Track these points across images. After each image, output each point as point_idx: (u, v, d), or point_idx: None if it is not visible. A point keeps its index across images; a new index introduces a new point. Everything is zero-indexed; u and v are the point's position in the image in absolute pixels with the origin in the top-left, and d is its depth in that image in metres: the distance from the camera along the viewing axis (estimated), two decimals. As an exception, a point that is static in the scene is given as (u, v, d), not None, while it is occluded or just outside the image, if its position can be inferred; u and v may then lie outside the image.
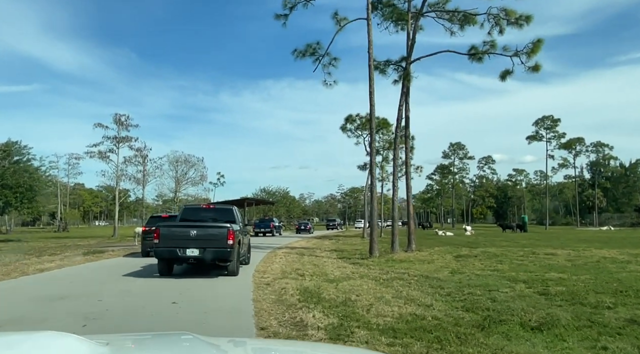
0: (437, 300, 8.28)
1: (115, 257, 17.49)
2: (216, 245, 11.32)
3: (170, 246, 11.35)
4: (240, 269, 12.37)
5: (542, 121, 63.61)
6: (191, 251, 11.30)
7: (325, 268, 13.32)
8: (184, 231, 11.52)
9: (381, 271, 12.70)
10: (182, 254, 11.33)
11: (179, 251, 11.28)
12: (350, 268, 13.46)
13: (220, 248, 11.33)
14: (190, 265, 12.68)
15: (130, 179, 40.64)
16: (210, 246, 11.31)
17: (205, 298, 8.37)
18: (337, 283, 10.22)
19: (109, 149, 39.59)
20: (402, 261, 15.12)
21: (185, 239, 11.32)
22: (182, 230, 11.57)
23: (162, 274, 11.75)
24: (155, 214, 20.65)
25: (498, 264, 14.09)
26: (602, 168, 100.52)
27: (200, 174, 45.72)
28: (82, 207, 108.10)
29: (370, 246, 16.49)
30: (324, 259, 16.63)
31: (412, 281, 10.70)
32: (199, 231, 11.44)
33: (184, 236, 11.37)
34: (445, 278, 11.14)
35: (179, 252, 11.29)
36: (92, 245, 27.28)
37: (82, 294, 8.56)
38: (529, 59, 17.02)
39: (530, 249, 20.40)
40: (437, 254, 17.46)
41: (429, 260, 15.44)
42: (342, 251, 20.61)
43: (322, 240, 32.56)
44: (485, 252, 18.39)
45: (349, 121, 34.84)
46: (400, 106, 18.37)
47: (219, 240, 11.34)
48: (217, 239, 11.36)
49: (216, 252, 11.36)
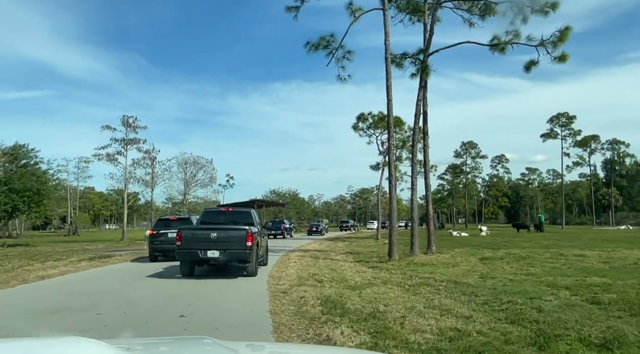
0: (475, 310, 7.37)
1: (121, 262, 16.74)
2: (236, 247, 11.68)
3: (191, 248, 11.69)
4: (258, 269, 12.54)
5: (556, 119, 62.24)
6: (212, 252, 11.67)
7: (343, 273, 12.44)
8: (205, 233, 11.88)
9: (404, 276, 11.80)
10: (203, 256, 11.70)
11: (200, 252, 11.67)
12: (371, 273, 12.57)
13: (240, 250, 11.67)
14: (210, 267, 12.88)
15: (139, 182, 40.09)
16: (230, 248, 11.66)
17: (217, 309, 7.54)
18: (359, 290, 9.34)
19: (117, 151, 39.11)
20: (425, 265, 14.20)
21: (206, 241, 11.69)
22: (203, 232, 11.96)
23: (185, 275, 12.05)
24: (163, 216, 19.91)
25: (529, 267, 13.13)
26: (617, 166, 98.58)
27: (210, 176, 45.11)
28: (92, 210, 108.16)
29: (389, 248, 15.59)
30: (341, 262, 15.75)
31: (441, 288, 9.80)
32: (219, 233, 11.79)
33: (205, 238, 11.73)
34: (476, 284, 10.22)
35: (200, 253, 11.67)
36: (99, 249, 26.63)
37: (80, 306, 7.76)
38: (554, 49, 16.04)
39: (556, 250, 19.37)
40: (460, 257, 16.51)
41: (453, 263, 14.51)
42: (357, 254, 19.73)
43: (335, 242, 31.67)
44: (510, 254, 17.42)
45: (361, 119, 33.96)
46: (418, 101, 17.46)
47: (239, 242, 11.68)
48: (236, 241, 11.70)
49: (236, 254, 11.71)
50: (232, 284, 10.75)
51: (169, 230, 16.53)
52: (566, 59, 16.01)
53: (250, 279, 11.49)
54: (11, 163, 32.67)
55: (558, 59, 16.03)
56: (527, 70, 16.54)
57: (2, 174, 30.22)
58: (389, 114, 15.85)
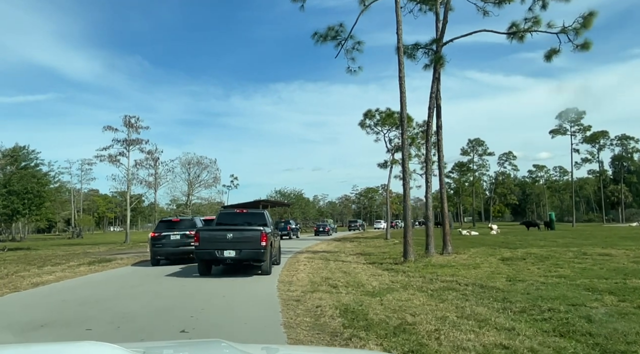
0: (514, 320, 6.50)
1: (122, 267, 15.93)
2: (251, 247, 12.14)
3: (209, 248, 12.13)
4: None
5: (565, 114, 61.11)
6: (228, 252, 12.10)
7: (358, 277, 11.57)
8: (221, 234, 12.30)
9: (424, 280, 10.93)
10: (220, 256, 12.14)
11: (217, 252, 12.12)
12: (387, 276, 11.70)
13: (255, 249, 12.13)
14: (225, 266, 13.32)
15: (142, 183, 39.29)
16: (245, 248, 12.13)
17: (223, 323, 6.69)
18: (380, 296, 8.48)
19: (119, 152, 38.32)
20: (443, 266, 13.32)
21: (223, 242, 12.13)
22: (220, 233, 12.35)
23: (202, 274, 12.49)
24: (165, 218, 19.11)
25: (556, 268, 12.23)
26: (625, 162, 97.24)
27: (214, 176, 44.22)
28: (96, 213, 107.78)
29: (404, 249, 14.71)
30: (353, 265, 14.89)
31: (468, 293, 8.93)
32: (235, 234, 12.24)
33: (222, 239, 12.16)
34: (505, 288, 9.34)
35: (217, 253, 12.13)
36: (101, 252, 25.86)
37: (70, 319, 6.93)
38: (577, 36, 15.13)
39: (577, 249, 18.45)
40: (478, 257, 15.62)
41: (474, 264, 13.62)
42: (369, 255, 18.85)
43: (343, 242, 30.80)
44: (530, 254, 16.50)
45: (368, 116, 33.05)
46: (432, 94, 16.58)
47: (254, 242, 12.14)
48: (251, 241, 12.16)
49: (251, 253, 12.17)
50: (239, 292, 9.91)
51: (171, 232, 15.73)
52: (589, 46, 15.09)
53: (259, 285, 10.65)
54: (11, 165, 31.96)
55: (581, 46, 15.12)
56: (548, 59, 15.63)
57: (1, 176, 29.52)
58: (403, 107, 14.98)
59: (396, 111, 32.61)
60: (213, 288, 10.33)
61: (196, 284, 11.13)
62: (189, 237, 15.71)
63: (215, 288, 10.32)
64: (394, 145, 33.23)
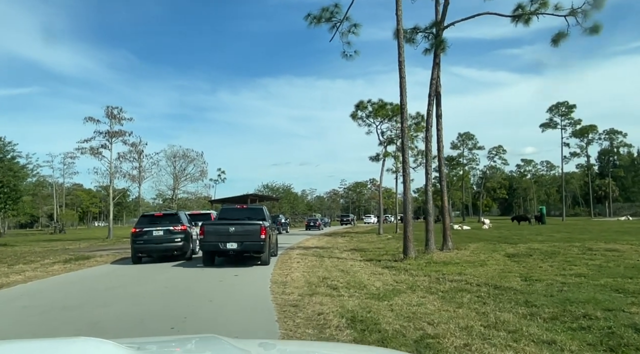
0: (550, 330, 5.58)
1: (100, 265, 14.79)
2: (251, 239, 13.13)
3: (213, 240, 13.14)
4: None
5: (556, 108, 60.79)
6: (230, 244, 13.08)
7: (358, 276, 10.61)
8: (224, 228, 13.29)
9: (430, 279, 10.01)
10: (223, 247, 13.12)
11: (221, 244, 13.10)
12: (389, 275, 10.76)
13: (255, 242, 13.14)
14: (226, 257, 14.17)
15: (125, 177, 37.89)
16: (246, 240, 13.12)
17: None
18: (387, 300, 7.51)
19: (102, 144, 36.89)
20: (447, 264, 12.41)
21: (226, 235, 13.08)
22: (223, 227, 13.35)
23: (207, 265, 13.44)
24: (147, 212, 17.96)
25: (570, 265, 11.38)
26: (611, 157, 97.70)
27: (200, 170, 42.96)
28: (80, 208, 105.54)
29: (404, 245, 13.78)
30: (349, 262, 13.93)
31: (483, 295, 8.01)
32: (237, 228, 13.23)
33: (225, 232, 13.12)
34: (523, 289, 8.44)
35: (220, 245, 13.11)
36: (81, 249, 24.59)
37: (24, 332, 5.84)
38: (586, 19, 14.27)
39: (579, 244, 17.71)
40: (482, 253, 14.76)
41: (479, 261, 12.74)
42: (364, 251, 17.92)
43: (335, 238, 29.86)
44: (534, 250, 15.69)
45: (360, 107, 32.01)
46: (432, 80, 15.63)
47: (254, 235, 13.14)
48: (252, 234, 13.15)
49: (251, 245, 13.18)
50: (229, 295, 8.87)
51: (154, 227, 14.63)
52: (599, 30, 14.25)
53: (251, 287, 9.63)
54: (-14, 157, 30.35)
55: (590, 30, 14.26)
56: (555, 43, 14.75)
57: (-25, 169, 27.99)
58: (402, 93, 13.99)
59: (389, 102, 31.73)
60: (199, 290, 9.29)
61: (180, 285, 10.09)
62: (173, 233, 14.63)
63: (201, 290, 9.29)
64: (387, 137, 32.33)
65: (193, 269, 13.01)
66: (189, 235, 15.32)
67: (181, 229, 14.79)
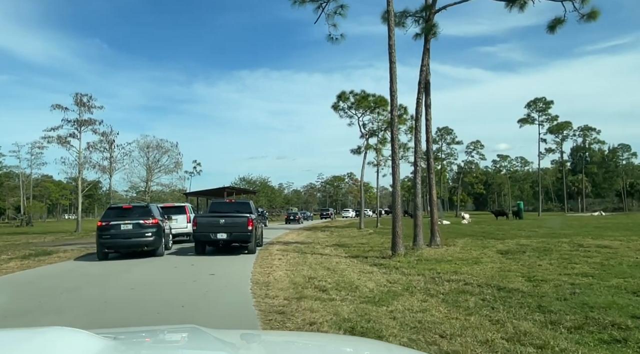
0: (583, 344, 4.81)
1: (62, 262, 13.54)
2: (239, 230, 14.44)
3: (205, 231, 14.46)
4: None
5: (534, 103, 61.01)
6: (221, 235, 14.35)
7: (346, 275, 9.72)
8: (215, 220, 14.58)
9: (425, 278, 9.20)
10: (214, 238, 14.41)
11: (212, 235, 14.37)
12: (380, 274, 9.91)
13: (242, 233, 14.44)
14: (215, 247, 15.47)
15: (95, 167, 36.14)
16: (234, 231, 14.43)
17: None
18: (386, 305, 6.64)
19: (70, 133, 35.06)
20: (439, 261, 11.64)
21: (216, 226, 14.38)
22: (214, 219, 14.65)
23: (198, 253, 14.76)
24: (115, 204, 16.68)
25: (569, 264, 10.74)
26: (582, 153, 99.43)
27: (175, 161, 41.36)
28: (49, 200, 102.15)
29: (393, 241, 12.96)
30: (334, 259, 13.04)
31: (489, 298, 7.21)
32: (227, 220, 14.56)
33: (215, 224, 14.42)
34: (530, 291, 7.69)
35: (211, 236, 14.37)
36: (46, 243, 23.10)
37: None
38: (583, 5, 13.63)
39: (567, 240, 17.24)
40: (472, 250, 14.07)
41: (472, 259, 12.00)
42: (347, 247, 17.06)
43: (314, 232, 28.97)
44: (524, 246, 15.11)
45: (342, 98, 31.11)
46: (422, 67, 14.80)
47: (242, 226, 14.45)
48: (240, 225, 14.45)
49: (239, 236, 14.49)
50: (203, 301, 7.83)
51: (122, 221, 13.44)
52: (596, 16, 13.63)
53: (228, 290, 8.63)
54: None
55: (587, 16, 13.63)
56: (551, 30, 14.09)
57: None
58: (393, 79, 13.11)
59: (371, 93, 30.90)
60: (169, 292, 8.26)
61: (149, 286, 9.03)
62: (143, 227, 13.48)
63: (172, 292, 8.26)
64: (368, 130, 31.52)
65: (164, 267, 11.92)
66: (161, 229, 14.19)
67: (152, 222, 13.64)
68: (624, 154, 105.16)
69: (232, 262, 13.03)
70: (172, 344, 1.74)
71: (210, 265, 12.29)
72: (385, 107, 30.85)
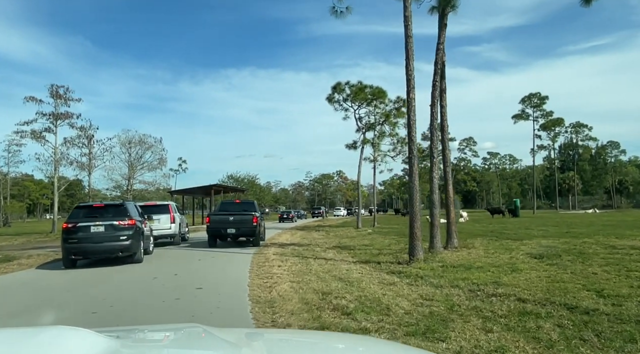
0: None
1: (22, 270, 11.49)
2: (246, 226, 16.86)
3: (217, 227, 17.01)
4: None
5: (528, 99, 59.83)
6: (230, 230, 16.86)
7: (367, 289, 7.86)
8: (226, 217, 17.02)
9: (464, 292, 7.42)
10: (224, 232, 16.99)
11: (222, 230, 16.94)
12: (406, 287, 8.08)
13: (249, 228, 16.86)
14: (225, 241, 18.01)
15: (72, 164, 33.77)
16: (242, 227, 16.88)
17: None
18: (442, 339, 4.80)
19: (45, 127, 32.68)
20: (468, 268, 9.83)
21: (227, 223, 16.87)
22: (225, 217, 17.08)
23: (211, 246, 17.05)
24: (84, 203, 14.59)
25: (630, 272, 9.00)
26: (571, 150, 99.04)
27: (159, 158, 39.04)
28: (29, 199, 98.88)
29: (410, 244, 11.13)
30: (342, 265, 11.17)
31: (567, 324, 5.48)
32: (235, 217, 16.98)
33: (226, 221, 16.90)
34: (614, 312, 5.96)
35: (222, 231, 16.97)
36: (14, 246, 20.92)
37: None
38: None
39: (591, 240, 15.66)
40: (499, 253, 12.31)
41: (505, 265, 10.21)
42: (351, 249, 15.21)
43: (308, 232, 27.08)
44: (549, 248, 13.45)
45: (337, 90, 29.20)
46: (438, 44, 13.05)
47: (248, 223, 16.84)
48: (247, 222, 16.85)
49: (246, 230, 16.95)
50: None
51: (92, 222, 11.42)
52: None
53: (222, 315, 6.68)
54: None
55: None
56: (587, 3, 12.36)
57: None
58: (409, 57, 11.29)
59: (368, 84, 29.04)
60: (145, 316, 6.32)
61: (120, 307, 7.07)
62: (117, 229, 11.48)
63: (149, 316, 6.32)
64: (365, 123, 29.65)
65: (141, 278, 9.92)
66: (139, 231, 12.18)
67: (128, 224, 11.61)
68: (613, 151, 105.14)
69: (223, 269, 11.11)
70: (175, 342, 1.70)
71: (196, 273, 10.36)
72: (383, 100, 29.06)
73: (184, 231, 20.75)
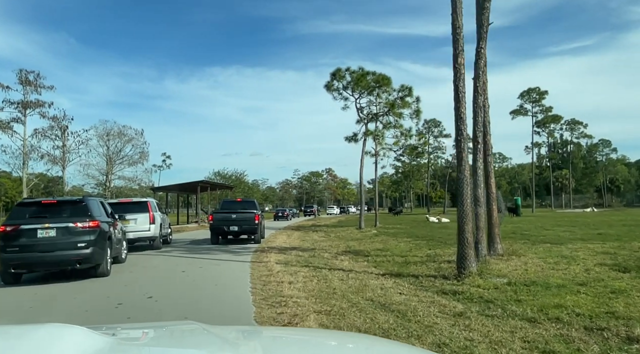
0: None
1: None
2: (248, 224, 17.70)
3: (221, 225, 17.76)
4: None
5: (527, 94, 57.89)
6: (233, 227, 17.64)
7: (432, 326, 5.26)
8: (228, 215, 17.91)
9: (579, 333, 4.86)
10: (227, 230, 17.71)
11: (225, 227, 17.66)
12: (485, 320, 5.51)
13: (250, 225, 17.71)
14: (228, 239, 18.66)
15: (43, 158, 30.69)
16: (244, 225, 17.69)
17: None
18: None
19: (13, 117, 29.56)
20: (547, 287, 7.32)
21: (229, 221, 17.70)
22: (227, 215, 17.96)
23: (214, 243, 17.84)
24: (28, 198, 11.66)
25: None
26: (563, 148, 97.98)
27: (140, 151, 36.06)
28: (5, 197, 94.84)
29: (460, 252, 8.56)
30: (370, 280, 8.56)
31: None
32: (238, 216, 17.83)
33: (228, 219, 17.75)
34: None
35: (225, 228, 17.69)
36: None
37: None
38: None
39: (619, 244, 13.45)
40: (563, 263, 9.81)
41: (593, 281, 7.71)
42: (366, 256, 12.62)
43: (306, 232, 24.47)
44: (607, 255, 11.07)
45: (337, 77, 26.57)
46: (484, 2, 10.48)
47: (250, 220, 17.71)
48: (249, 220, 17.71)
49: (248, 228, 17.77)
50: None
51: (39, 224, 8.60)
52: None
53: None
54: None
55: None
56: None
57: None
58: (456, 8, 8.68)
59: (371, 71, 26.43)
60: None
61: None
62: (73, 233, 8.71)
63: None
64: (367, 113, 27.08)
65: (101, 304, 7.16)
66: (105, 236, 9.39)
67: (89, 226, 8.80)
68: (604, 149, 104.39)
69: (216, 285, 8.45)
70: (171, 340, 1.65)
71: (179, 294, 7.68)
72: (387, 87, 26.49)
73: (165, 233, 18.01)
